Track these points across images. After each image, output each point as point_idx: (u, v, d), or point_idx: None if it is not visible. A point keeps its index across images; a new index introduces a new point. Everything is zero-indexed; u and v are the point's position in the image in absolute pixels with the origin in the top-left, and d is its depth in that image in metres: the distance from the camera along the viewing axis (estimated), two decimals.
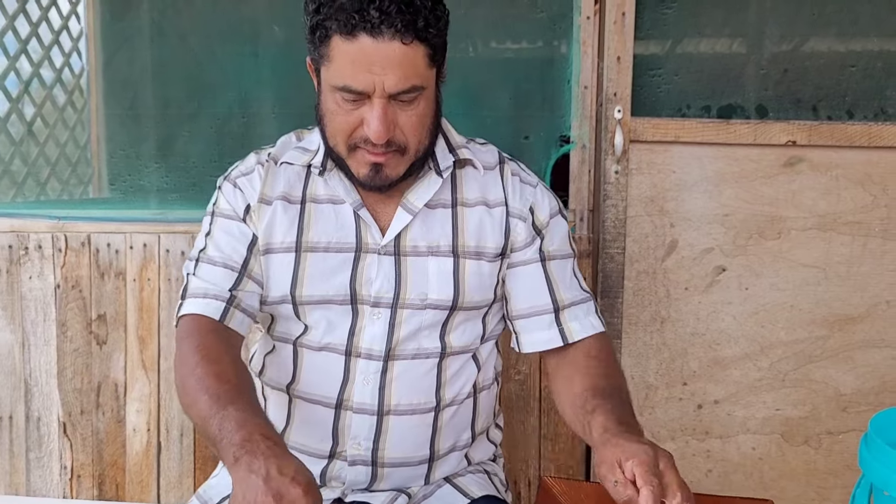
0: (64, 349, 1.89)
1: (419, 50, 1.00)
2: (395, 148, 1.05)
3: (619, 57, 1.71)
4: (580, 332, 1.15)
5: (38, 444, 1.91)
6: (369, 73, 0.98)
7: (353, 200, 1.13)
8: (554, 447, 1.80)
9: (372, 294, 1.12)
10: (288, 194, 1.15)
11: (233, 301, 1.10)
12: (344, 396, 1.13)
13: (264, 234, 1.14)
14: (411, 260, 1.13)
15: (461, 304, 1.14)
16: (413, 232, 1.13)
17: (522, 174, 1.20)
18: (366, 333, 1.12)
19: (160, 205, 1.93)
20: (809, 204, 1.72)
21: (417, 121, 1.05)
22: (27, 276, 1.88)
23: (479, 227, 1.15)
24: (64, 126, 2.24)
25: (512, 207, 1.16)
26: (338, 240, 1.13)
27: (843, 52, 1.75)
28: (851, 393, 1.76)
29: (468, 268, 1.13)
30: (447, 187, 1.16)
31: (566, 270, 1.18)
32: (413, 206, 1.13)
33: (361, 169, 1.07)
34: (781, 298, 1.74)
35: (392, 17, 0.96)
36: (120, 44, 2.03)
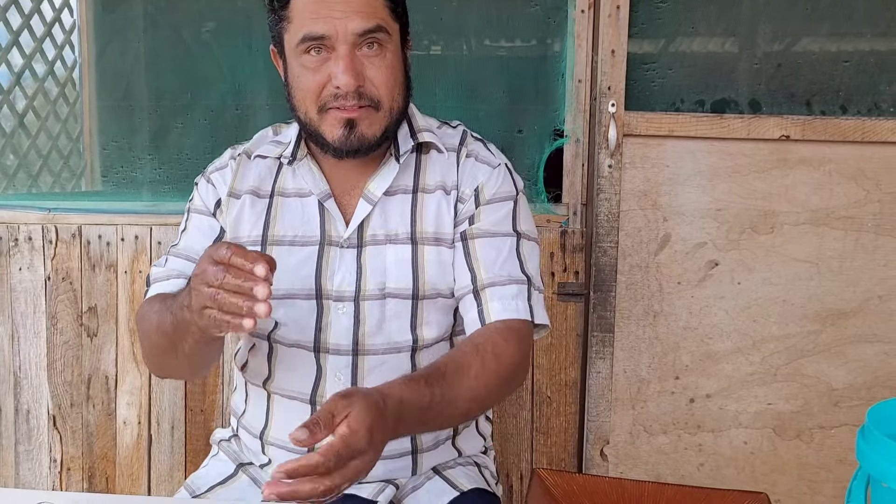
0: (54, 341, 1.87)
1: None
2: (367, 102, 1.03)
3: (613, 51, 1.70)
4: (500, 312, 1.05)
5: (28, 436, 1.90)
6: (330, 17, 0.98)
7: (320, 191, 1.12)
8: (546, 440, 1.80)
9: (334, 288, 1.10)
10: (257, 188, 1.15)
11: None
12: (318, 393, 1.12)
13: (232, 227, 1.14)
14: (371, 249, 1.11)
15: (423, 293, 1.11)
16: (373, 221, 1.11)
17: (481, 153, 1.15)
18: (332, 329, 1.11)
19: (152, 197, 1.92)
20: (802, 199, 1.72)
21: (387, 72, 1.03)
22: (17, 268, 1.86)
23: (438, 213, 1.12)
24: (56, 119, 2.23)
25: (461, 191, 1.13)
26: (303, 234, 1.12)
27: (836, 46, 1.76)
28: (843, 388, 1.76)
29: (427, 255, 1.10)
30: (409, 173, 1.13)
31: (499, 250, 1.09)
32: (373, 195, 1.11)
33: (335, 130, 1.04)
34: (774, 293, 1.74)
35: None
36: (112, 36, 2.02)
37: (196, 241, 1.15)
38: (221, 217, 1.16)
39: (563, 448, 1.80)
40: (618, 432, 1.78)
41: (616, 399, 1.78)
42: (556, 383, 1.79)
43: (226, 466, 1.24)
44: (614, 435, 1.78)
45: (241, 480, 1.21)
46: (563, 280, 1.77)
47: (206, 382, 1.85)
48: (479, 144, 1.17)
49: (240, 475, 1.22)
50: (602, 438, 1.77)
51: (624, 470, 1.79)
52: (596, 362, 1.75)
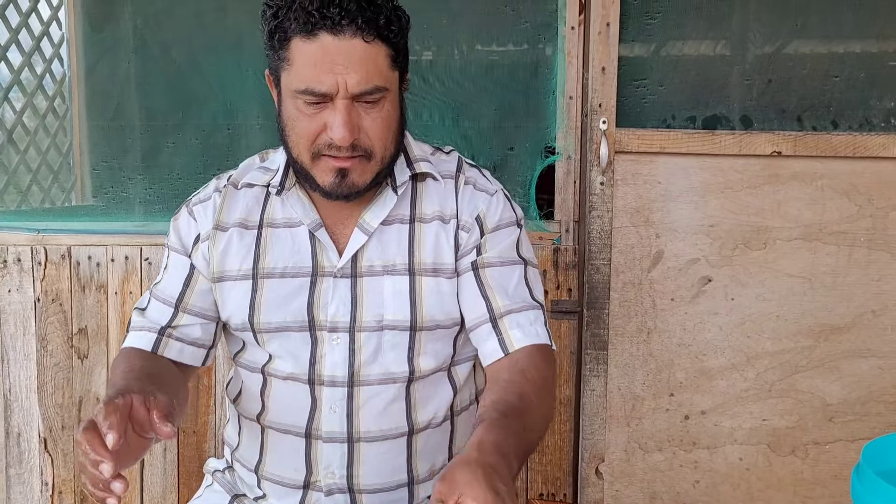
0: (44, 364, 1.86)
1: (381, 49, 0.98)
2: (360, 153, 1.01)
3: (603, 67, 1.70)
4: (522, 339, 1.05)
5: (19, 460, 1.88)
6: (331, 72, 0.96)
7: (310, 221, 1.10)
8: (541, 459, 1.79)
9: (328, 319, 1.08)
10: (245, 220, 1.12)
11: (164, 332, 1.12)
12: (313, 426, 1.10)
13: (218, 261, 1.12)
14: (367, 280, 1.08)
15: (421, 324, 1.09)
16: (369, 252, 1.09)
17: (479, 181, 1.14)
18: (327, 360, 1.09)
19: (143, 217, 1.91)
20: (795, 214, 1.72)
21: (382, 124, 1.02)
22: (6, 290, 1.85)
23: (436, 243, 1.10)
24: (45, 133, 2.21)
25: (462, 220, 1.11)
26: (294, 264, 1.09)
27: (826, 62, 1.76)
28: (838, 403, 1.76)
29: (425, 286, 1.08)
30: (405, 203, 1.12)
31: (510, 278, 1.09)
32: (369, 225, 1.09)
33: (327, 177, 1.03)
34: (767, 309, 1.74)
35: (353, 13, 0.95)
36: (102, 51, 2.01)
37: (171, 284, 1.14)
38: (199, 253, 1.13)
39: (559, 466, 1.79)
40: (613, 450, 1.78)
41: (611, 417, 1.77)
42: None
43: (220, 497, 1.22)
44: (609, 453, 1.78)
45: None
46: (556, 298, 1.76)
47: (198, 404, 1.84)
48: (475, 171, 1.16)
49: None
50: (597, 456, 1.77)
51: (619, 488, 1.79)
52: (590, 380, 1.75)
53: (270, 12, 0.98)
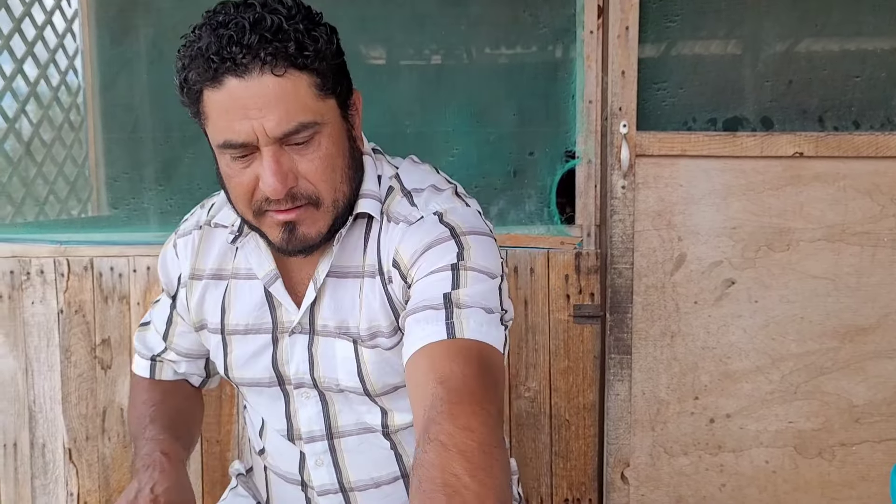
0: (68, 374, 1.86)
1: (299, 80, 0.85)
2: (303, 201, 0.90)
3: (623, 71, 1.70)
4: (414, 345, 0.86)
5: (44, 470, 1.89)
6: (246, 118, 0.84)
7: (265, 273, 1.00)
8: (566, 464, 1.79)
9: (292, 376, 1.03)
10: (219, 269, 1.06)
11: (155, 359, 1.19)
12: (304, 478, 1.08)
13: (196, 310, 1.08)
14: (322, 340, 1.00)
15: (374, 391, 0.99)
16: (323, 308, 0.99)
17: (401, 211, 0.96)
18: (301, 416, 1.05)
19: (163, 227, 1.92)
20: (817, 215, 1.71)
21: (322, 164, 0.88)
22: (29, 302, 1.86)
23: (369, 303, 0.96)
24: (62, 145, 2.22)
25: (386, 270, 0.95)
26: (254, 321, 1.03)
27: (847, 62, 1.75)
28: (864, 404, 1.75)
29: (366, 356, 0.97)
30: (357, 250, 0.98)
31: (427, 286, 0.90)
32: (318, 277, 0.98)
33: (275, 234, 0.92)
34: (791, 310, 1.73)
35: (255, 48, 0.82)
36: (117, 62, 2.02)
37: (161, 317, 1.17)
38: (181, 296, 1.10)
39: (583, 471, 1.79)
40: (638, 454, 1.77)
41: (635, 421, 1.76)
42: (574, 406, 1.78)
43: (244, 502, 1.23)
44: (634, 457, 1.77)
45: None
46: (578, 302, 1.76)
47: (220, 413, 1.84)
48: (403, 202, 0.97)
49: None
50: (622, 461, 1.76)
51: (645, 492, 1.78)
52: (614, 384, 1.74)
53: (179, 65, 0.88)
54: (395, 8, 1.84)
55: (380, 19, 1.79)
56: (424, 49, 1.87)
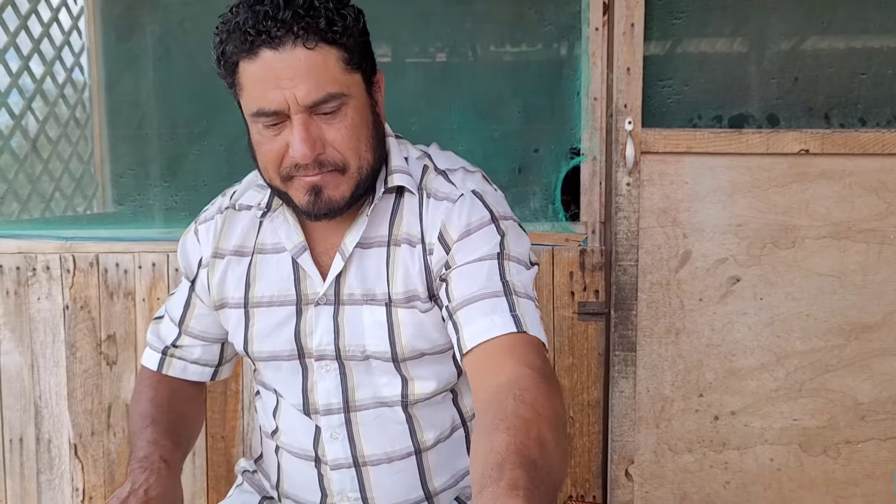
0: (73, 370, 1.87)
1: (329, 53, 0.92)
2: (330, 167, 0.96)
3: (628, 68, 1.69)
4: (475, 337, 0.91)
5: (50, 466, 1.90)
6: (278, 88, 0.91)
7: (294, 245, 1.05)
8: (570, 461, 1.79)
9: (314, 348, 1.05)
10: (241, 247, 1.10)
11: (167, 351, 1.18)
12: (318, 452, 1.09)
13: (217, 289, 1.11)
14: (348, 309, 1.03)
15: (403, 356, 1.03)
16: (350, 277, 1.03)
17: (442, 189, 1.03)
18: (319, 389, 1.06)
19: (169, 224, 1.92)
20: (823, 212, 1.71)
21: (348, 133, 0.95)
22: (35, 298, 1.86)
23: (406, 270, 1.01)
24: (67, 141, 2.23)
25: (427, 241, 1.01)
26: (279, 293, 1.06)
27: (853, 59, 1.74)
28: (869, 402, 1.74)
29: (401, 317, 1.01)
30: (384, 222, 1.04)
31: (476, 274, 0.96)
32: (346, 248, 1.03)
33: (301, 197, 0.98)
34: (797, 308, 1.73)
35: (289, 22, 0.89)
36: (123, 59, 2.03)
37: (177, 304, 1.18)
38: (201, 278, 1.12)
39: (588, 468, 1.79)
40: (642, 452, 1.77)
41: (640, 418, 1.76)
42: (578, 403, 1.78)
43: (250, 498, 1.23)
44: (639, 454, 1.77)
45: None
46: (583, 299, 1.76)
47: (225, 409, 1.85)
48: (440, 179, 1.04)
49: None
50: (626, 458, 1.76)
51: (649, 490, 1.78)
52: (618, 381, 1.74)
53: (217, 40, 0.94)
54: (401, 5, 1.84)
55: (385, 17, 1.79)
56: (430, 46, 1.87)
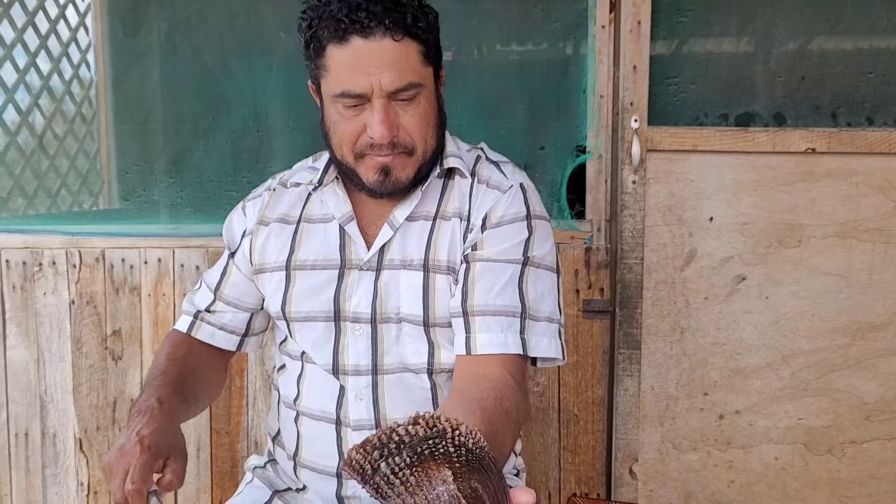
0: (79, 365, 1.88)
1: (411, 47, 1.02)
2: (401, 150, 1.05)
3: (634, 66, 1.69)
4: (486, 346, 1.02)
5: (55, 460, 1.90)
6: (365, 73, 1.00)
7: (342, 214, 1.14)
8: (574, 459, 1.79)
9: (351, 310, 1.12)
10: (286, 216, 1.19)
11: (198, 315, 1.23)
12: (341, 414, 1.14)
13: (259, 253, 1.19)
14: (387, 274, 1.11)
15: (433, 321, 1.09)
16: (393, 246, 1.12)
17: (493, 178, 1.12)
18: (350, 350, 1.13)
19: (175, 219, 1.93)
20: (829, 211, 1.71)
21: (420, 119, 1.05)
22: (41, 293, 1.87)
23: (452, 241, 1.10)
24: (74, 138, 2.24)
25: (473, 220, 1.10)
26: (324, 257, 1.14)
27: (861, 57, 1.74)
28: (875, 401, 1.74)
29: (438, 283, 1.09)
30: (433, 199, 1.13)
31: (499, 276, 1.05)
32: (396, 220, 1.12)
33: (371, 175, 1.07)
34: (802, 307, 1.73)
35: (380, 15, 0.98)
36: (130, 56, 2.03)
37: (214, 271, 1.25)
38: (243, 246, 1.21)
39: (592, 466, 1.79)
40: (646, 450, 1.77)
41: (644, 416, 1.76)
42: (582, 401, 1.77)
43: (261, 493, 1.24)
44: (643, 453, 1.77)
45: None
46: (587, 297, 1.76)
47: (230, 405, 1.85)
48: (492, 168, 1.15)
49: (275, 502, 1.22)
50: (631, 456, 1.76)
51: (653, 488, 1.78)
52: (623, 379, 1.74)
53: (305, 24, 1.04)
54: None
55: None
56: None
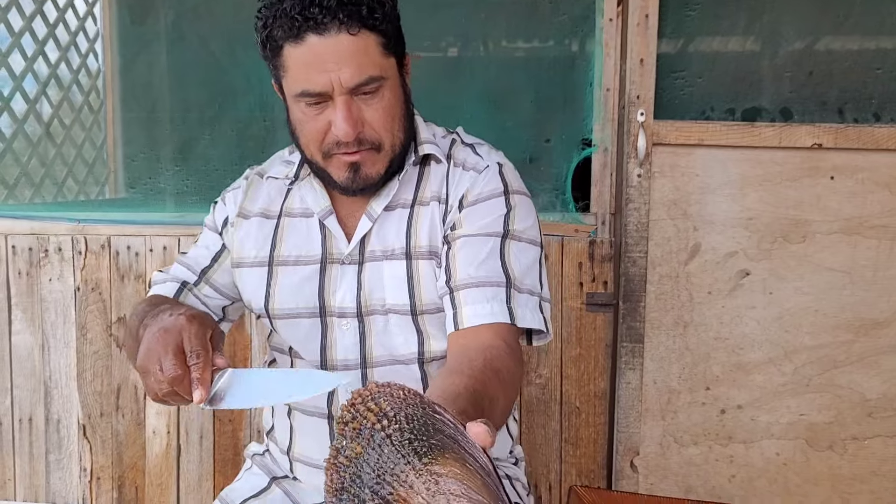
0: (84, 351, 1.89)
1: (369, 39, 0.99)
2: (368, 146, 1.03)
3: (641, 59, 1.69)
4: (471, 318, 1.00)
5: (58, 446, 1.91)
6: (324, 71, 0.97)
7: (321, 209, 1.12)
8: (575, 451, 1.79)
9: (336, 305, 1.10)
10: (266, 210, 1.16)
11: (185, 285, 1.18)
12: (332, 408, 1.13)
13: (238, 247, 1.16)
14: (369, 266, 1.10)
15: (421, 309, 1.08)
16: (373, 237, 1.11)
17: (469, 160, 1.11)
18: (338, 345, 1.11)
19: (180, 207, 1.93)
20: (835, 207, 1.70)
21: (384, 113, 1.03)
22: (47, 279, 1.88)
23: (431, 226, 1.09)
24: (81, 127, 2.25)
25: (451, 202, 1.09)
26: (306, 252, 1.12)
27: (869, 54, 1.74)
28: (877, 398, 1.74)
29: (422, 269, 1.08)
30: (410, 187, 1.12)
31: (478, 251, 1.04)
32: (374, 211, 1.11)
33: (341, 173, 1.05)
34: (806, 303, 1.73)
35: (333, 9, 0.96)
36: (137, 45, 2.04)
37: (201, 255, 1.20)
38: (227, 235, 1.18)
39: (593, 459, 1.79)
40: (648, 443, 1.77)
41: (646, 410, 1.76)
42: (584, 394, 1.78)
43: (260, 480, 1.25)
44: (644, 446, 1.77)
45: (275, 494, 1.21)
46: (591, 290, 1.76)
47: None
48: (467, 151, 1.13)
49: (273, 489, 1.23)
50: (632, 450, 1.76)
51: (654, 481, 1.78)
52: (625, 373, 1.74)
53: (260, 23, 1.01)
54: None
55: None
56: (442, 36, 1.87)
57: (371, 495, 0.53)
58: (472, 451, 0.57)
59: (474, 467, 0.55)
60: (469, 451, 0.57)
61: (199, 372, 0.86)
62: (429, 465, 0.53)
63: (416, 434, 0.54)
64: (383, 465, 0.53)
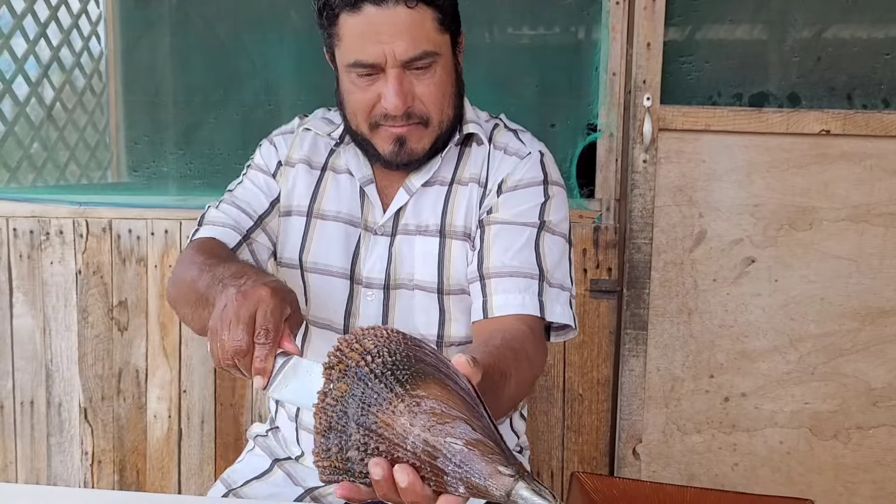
0: (85, 335, 1.88)
1: (426, 14, 0.98)
2: (416, 120, 1.03)
3: (648, 43, 1.67)
4: (503, 307, 1.00)
5: (60, 429, 1.91)
6: (378, 42, 0.97)
7: (361, 175, 1.12)
8: (578, 438, 1.78)
9: (364, 275, 1.11)
10: (309, 159, 1.16)
11: (247, 239, 1.11)
12: None
13: (286, 195, 1.16)
14: (401, 239, 1.10)
15: (448, 288, 1.08)
16: (408, 211, 1.11)
17: (511, 145, 1.12)
18: (361, 315, 1.12)
19: (183, 191, 1.92)
20: (842, 194, 1.69)
21: (436, 89, 1.02)
22: (48, 262, 1.87)
23: (468, 207, 1.09)
24: (83, 111, 2.23)
25: (490, 185, 1.09)
26: (347, 211, 1.13)
27: (878, 39, 1.72)
28: (882, 387, 1.73)
29: (454, 249, 1.08)
30: (450, 165, 1.12)
31: (514, 240, 1.04)
32: (412, 185, 1.11)
33: (386, 146, 1.05)
34: (812, 291, 1.71)
35: None
36: (141, 29, 2.02)
37: (251, 194, 1.14)
38: (280, 181, 1.17)
39: (595, 446, 1.78)
40: (650, 431, 1.76)
41: (649, 397, 1.75)
42: (588, 381, 1.77)
43: (261, 461, 1.25)
44: (647, 434, 1.76)
45: (277, 475, 1.21)
46: (595, 277, 1.75)
47: (235, 378, 1.84)
48: (510, 135, 1.14)
49: (275, 470, 1.22)
50: (635, 437, 1.75)
51: (657, 469, 1.77)
52: (629, 360, 1.73)
53: None
54: None
55: None
56: None
57: (356, 427, 0.55)
58: (454, 377, 0.59)
59: (455, 389, 0.56)
60: (451, 377, 0.58)
61: (263, 352, 0.76)
62: (410, 390, 0.55)
63: (398, 365, 0.57)
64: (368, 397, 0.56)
